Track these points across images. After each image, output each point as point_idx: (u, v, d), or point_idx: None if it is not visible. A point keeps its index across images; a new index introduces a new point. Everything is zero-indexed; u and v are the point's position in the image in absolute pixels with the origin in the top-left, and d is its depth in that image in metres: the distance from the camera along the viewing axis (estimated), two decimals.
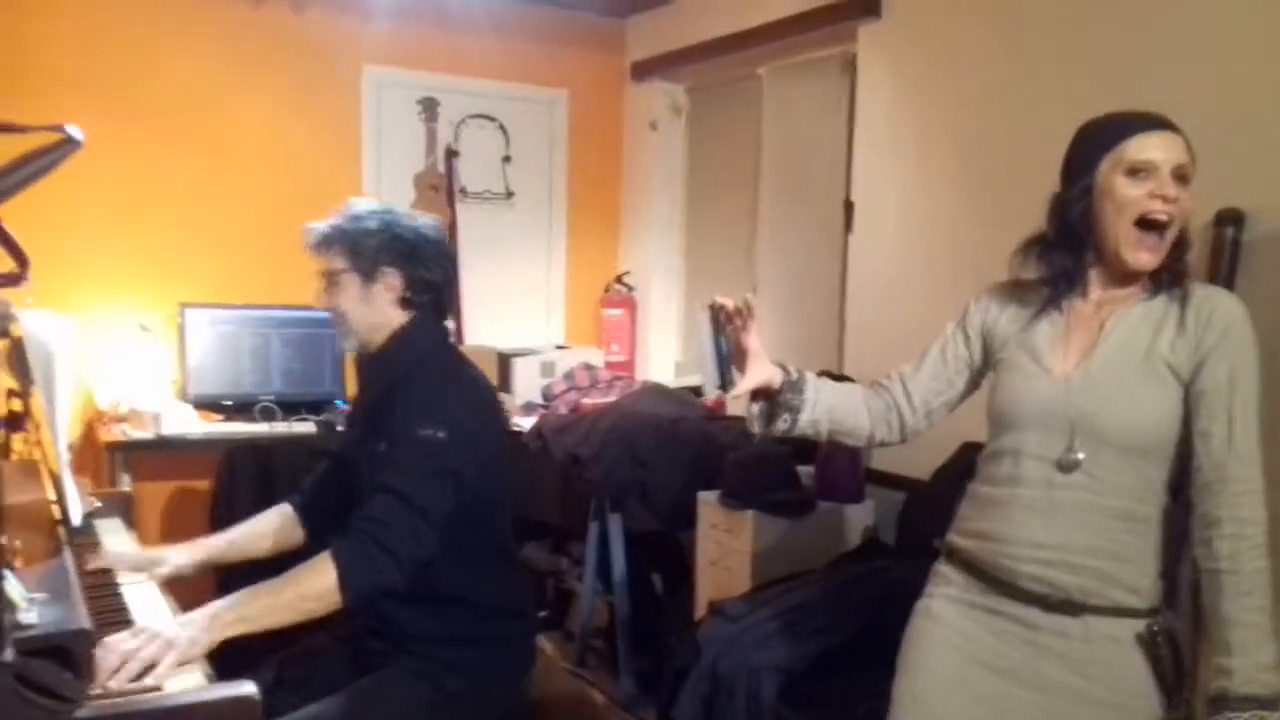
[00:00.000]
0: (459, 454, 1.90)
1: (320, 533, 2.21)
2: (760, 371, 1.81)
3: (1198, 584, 1.61)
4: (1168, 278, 1.64)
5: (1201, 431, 1.59)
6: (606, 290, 5.00)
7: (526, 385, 4.32)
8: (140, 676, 1.47)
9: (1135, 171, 1.61)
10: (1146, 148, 1.61)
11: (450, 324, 2.17)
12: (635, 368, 4.89)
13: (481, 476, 1.95)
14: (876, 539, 3.28)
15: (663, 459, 3.47)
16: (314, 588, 1.76)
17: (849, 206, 3.62)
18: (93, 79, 3.95)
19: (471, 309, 4.76)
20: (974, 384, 1.86)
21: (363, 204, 2.08)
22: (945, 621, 1.74)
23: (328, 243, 2.05)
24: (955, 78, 3.28)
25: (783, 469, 3.25)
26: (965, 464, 2.84)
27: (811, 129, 3.97)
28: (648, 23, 4.86)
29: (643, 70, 4.85)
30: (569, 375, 4.28)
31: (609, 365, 4.63)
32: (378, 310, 2.04)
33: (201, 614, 1.67)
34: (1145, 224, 1.60)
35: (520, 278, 4.93)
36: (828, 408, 1.84)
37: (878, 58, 3.57)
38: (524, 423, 4.00)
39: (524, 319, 4.93)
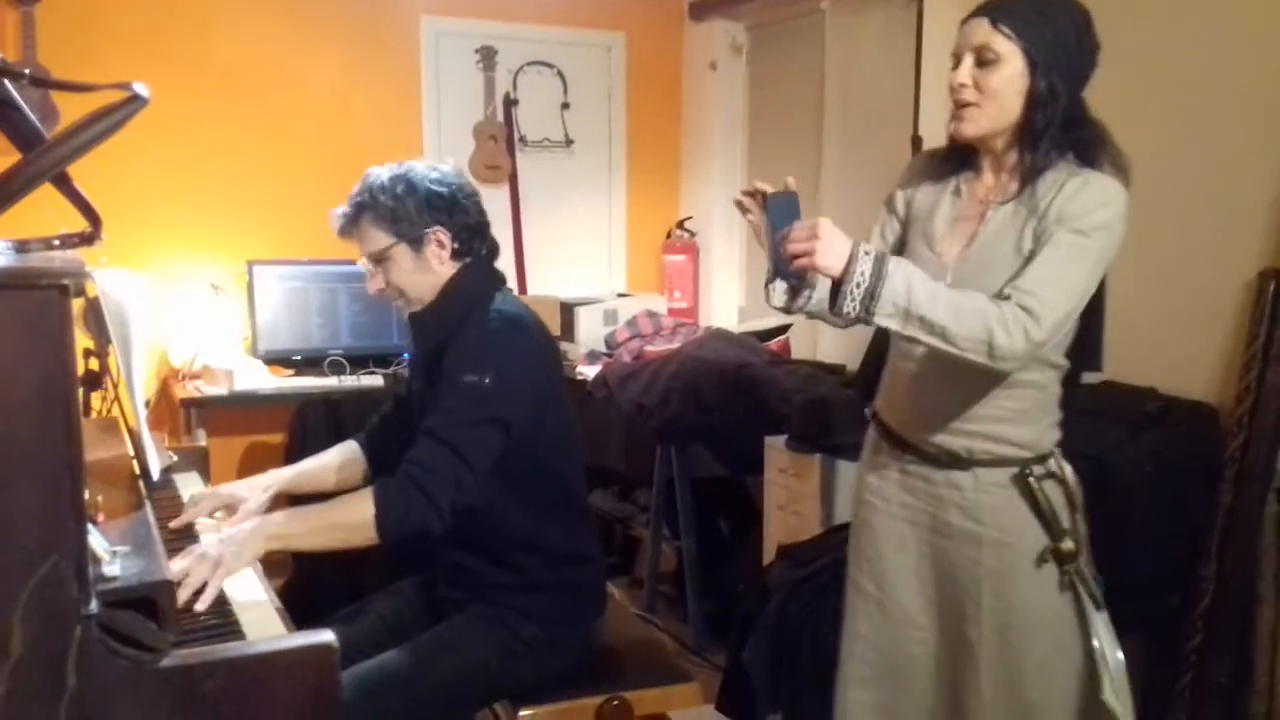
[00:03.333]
0: (507, 401, 1.89)
1: (383, 472, 2.24)
2: None
3: None
4: (1028, 161, 1.74)
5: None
6: (668, 236, 4.97)
7: (590, 334, 4.32)
8: (196, 598, 1.60)
9: (955, 58, 1.76)
10: (960, 36, 1.76)
11: (500, 268, 2.14)
12: (699, 314, 4.86)
13: (536, 422, 1.94)
14: None
15: (728, 404, 3.45)
16: (351, 519, 1.82)
17: (917, 142, 3.52)
18: (156, 39, 3.99)
19: (533, 258, 4.75)
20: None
21: (380, 171, 2.01)
22: (875, 491, 1.95)
23: (359, 222, 1.99)
24: None
25: (850, 412, 3.21)
26: None
27: (877, 63, 3.87)
28: None
29: (701, 9, 4.76)
30: (632, 323, 4.26)
31: (672, 312, 4.61)
32: (433, 272, 2.00)
33: (245, 529, 1.78)
34: (955, 105, 1.77)
35: (581, 226, 4.91)
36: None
37: None
38: (588, 371, 4.01)
39: (586, 267, 4.92)
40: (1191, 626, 2.50)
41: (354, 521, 1.81)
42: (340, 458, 2.25)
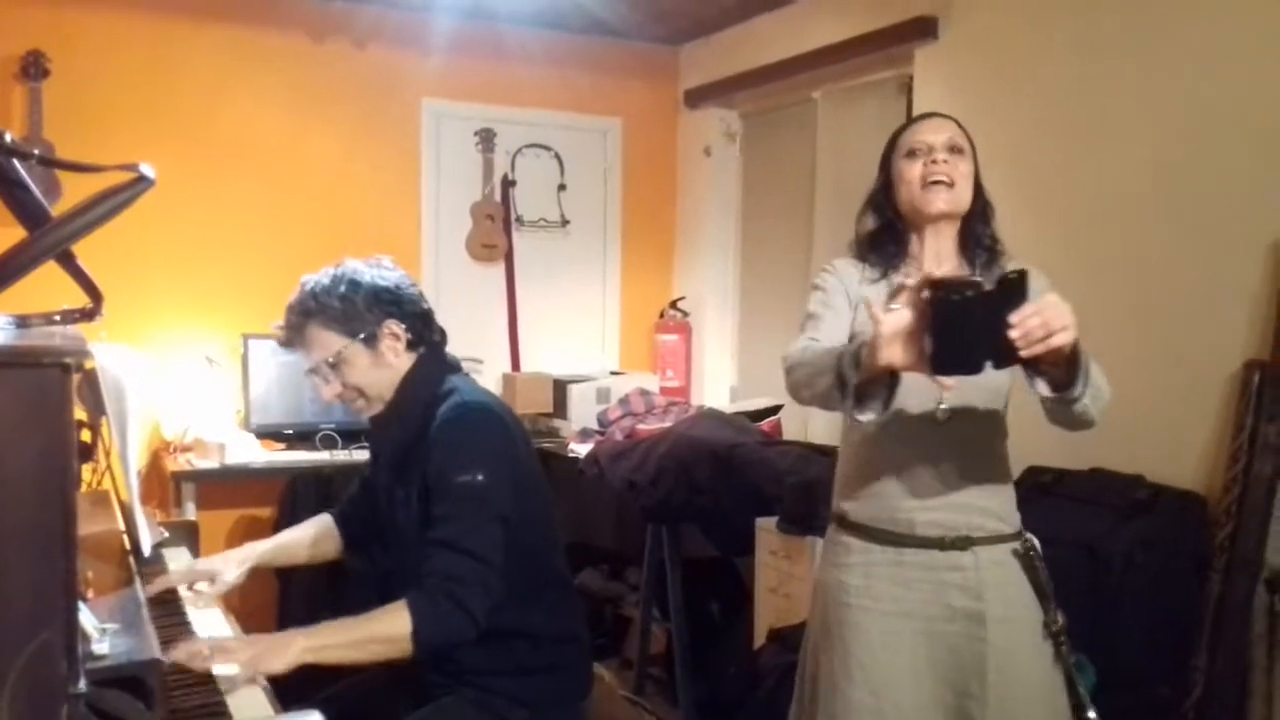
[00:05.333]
0: (501, 495, 1.89)
1: (354, 547, 2.29)
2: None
3: None
4: (982, 255, 1.96)
5: None
6: (661, 316, 5.01)
7: (582, 411, 4.33)
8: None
9: (913, 153, 1.93)
10: (918, 132, 1.96)
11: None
12: (691, 393, 4.88)
13: (525, 509, 1.95)
14: None
15: (720, 485, 3.45)
16: (387, 632, 1.79)
17: None
18: (159, 116, 4.06)
19: (527, 336, 4.79)
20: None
21: (317, 276, 2.00)
22: (860, 592, 1.90)
23: (305, 330, 1.98)
24: (1015, 99, 3.25)
25: None
26: (1030, 488, 2.80)
27: (867, 152, 3.91)
28: (700, 49, 4.88)
29: (696, 97, 4.87)
30: (624, 401, 4.28)
31: (664, 391, 4.63)
32: (390, 366, 1.99)
33: (279, 638, 1.74)
34: (930, 185, 1.90)
35: (575, 304, 4.96)
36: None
37: (935, 80, 3.54)
38: (580, 449, 4.01)
39: (579, 345, 4.95)
40: (1183, 718, 2.48)
41: (391, 635, 1.78)
42: (315, 531, 2.27)
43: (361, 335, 1.96)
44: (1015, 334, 1.49)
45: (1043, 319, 1.49)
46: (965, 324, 1.48)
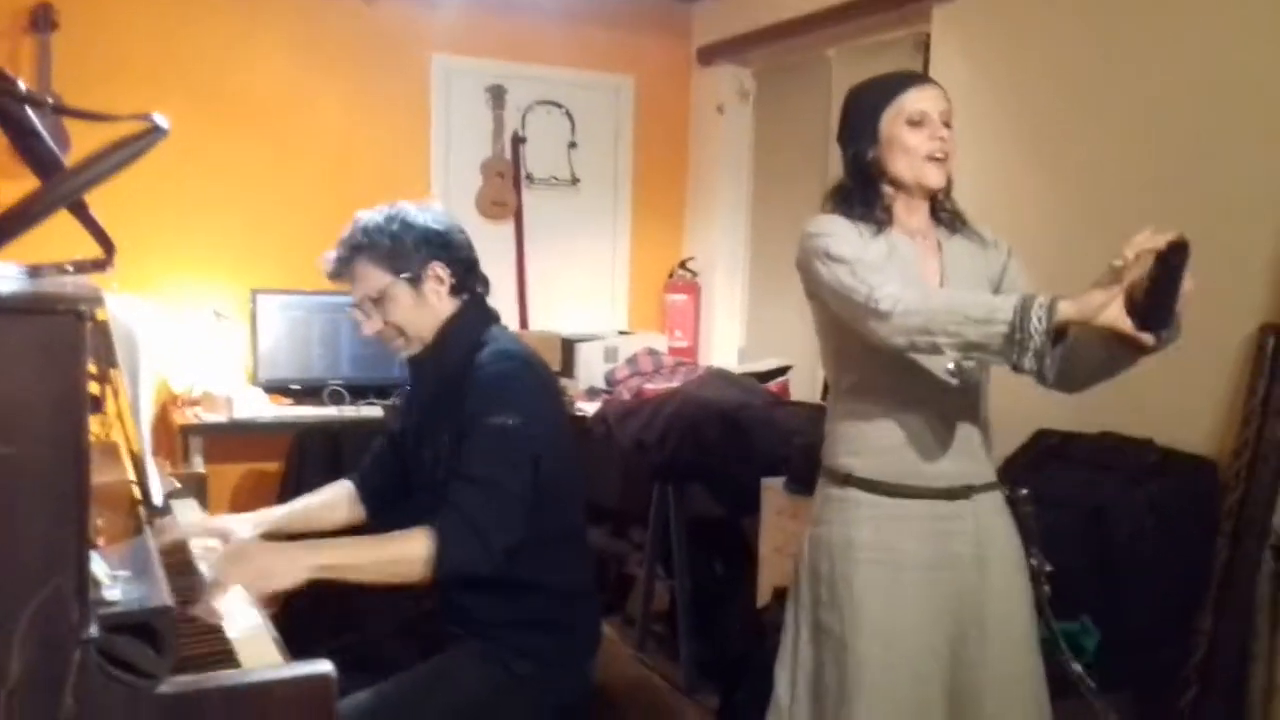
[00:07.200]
0: (534, 439, 1.90)
1: (379, 510, 2.26)
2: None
3: None
4: (947, 216, 2.01)
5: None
6: (670, 276, 5.00)
7: (590, 370, 4.33)
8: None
9: (914, 122, 1.92)
10: (920, 100, 1.94)
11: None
12: (699, 353, 4.88)
13: (553, 460, 1.96)
14: None
15: (727, 444, 3.46)
16: (403, 553, 1.79)
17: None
18: (168, 68, 4.04)
19: (535, 294, 4.78)
20: None
21: (371, 214, 2.02)
22: (874, 546, 1.91)
23: (353, 264, 2.00)
24: (1032, 58, 3.21)
25: None
26: (1039, 451, 2.79)
27: None
28: (714, 6, 4.82)
29: (709, 54, 4.82)
30: (632, 360, 4.28)
31: (672, 351, 4.63)
32: (432, 308, 2.02)
33: (292, 549, 1.74)
34: (930, 159, 1.93)
35: (585, 263, 4.95)
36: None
37: (951, 38, 3.50)
38: (587, 408, 4.02)
39: (588, 304, 4.94)
40: (1185, 681, 2.50)
41: (408, 555, 1.78)
42: (333, 497, 2.25)
43: (406, 274, 1.99)
44: (1187, 287, 1.60)
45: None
46: (1178, 280, 1.58)
